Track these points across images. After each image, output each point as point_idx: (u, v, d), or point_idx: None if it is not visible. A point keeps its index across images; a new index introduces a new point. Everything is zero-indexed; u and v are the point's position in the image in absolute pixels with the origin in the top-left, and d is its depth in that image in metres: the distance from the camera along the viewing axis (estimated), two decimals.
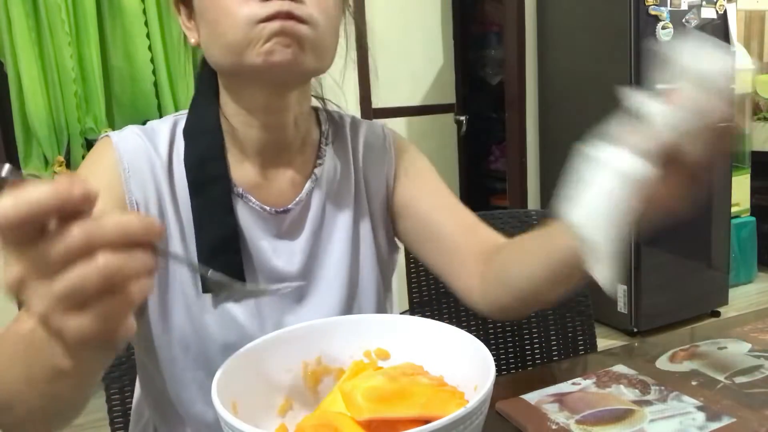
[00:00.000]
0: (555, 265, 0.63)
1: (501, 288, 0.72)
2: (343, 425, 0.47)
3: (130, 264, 0.36)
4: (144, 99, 2.37)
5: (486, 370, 0.47)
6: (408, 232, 0.82)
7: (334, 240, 0.76)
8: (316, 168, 0.77)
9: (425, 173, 0.84)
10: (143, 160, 0.70)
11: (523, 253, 0.70)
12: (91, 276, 0.34)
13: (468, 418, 0.41)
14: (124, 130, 0.72)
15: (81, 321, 0.35)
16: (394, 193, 0.82)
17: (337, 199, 0.78)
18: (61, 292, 0.34)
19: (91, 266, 0.34)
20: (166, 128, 0.73)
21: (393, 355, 0.58)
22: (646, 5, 2.54)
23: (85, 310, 0.35)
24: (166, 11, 2.36)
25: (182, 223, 0.70)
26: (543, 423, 0.57)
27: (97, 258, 0.34)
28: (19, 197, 0.33)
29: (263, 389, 0.54)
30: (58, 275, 0.34)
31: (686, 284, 2.87)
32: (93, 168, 0.70)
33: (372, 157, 0.82)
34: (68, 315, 0.35)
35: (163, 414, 0.76)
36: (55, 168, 2.28)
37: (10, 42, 2.17)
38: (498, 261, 0.73)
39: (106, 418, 0.92)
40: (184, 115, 0.75)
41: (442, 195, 0.82)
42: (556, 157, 3.07)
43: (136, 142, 0.70)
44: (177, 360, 0.71)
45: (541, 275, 0.65)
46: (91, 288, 0.34)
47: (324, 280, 0.75)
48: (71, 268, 0.34)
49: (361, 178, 0.81)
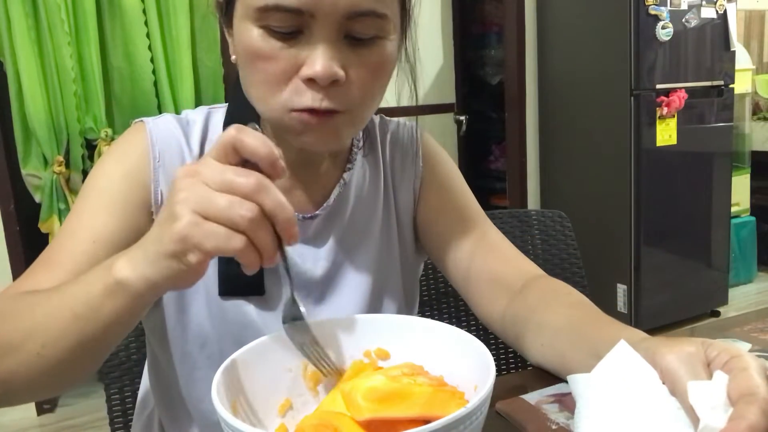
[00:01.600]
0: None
1: (519, 342, 0.70)
2: (342, 425, 0.47)
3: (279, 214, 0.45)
4: (144, 99, 2.37)
5: (486, 370, 0.47)
6: (430, 250, 0.80)
7: (361, 247, 0.75)
8: (345, 173, 0.75)
9: (451, 187, 0.81)
10: (175, 152, 0.68)
11: (556, 337, 0.64)
12: (243, 209, 0.43)
13: (468, 418, 0.41)
14: (159, 117, 0.70)
15: (229, 235, 0.43)
16: (419, 205, 0.80)
17: (365, 204, 0.76)
18: (215, 199, 0.43)
19: (244, 204, 0.44)
20: (200, 120, 0.71)
21: (393, 355, 0.58)
22: (646, 5, 2.54)
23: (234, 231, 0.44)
24: (166, 11, 2.36)
25: None
26: (543, 423, 0.57)
27: (263, 200, 0.44)
28: (259, 138, 0.45)
29: (263, 389, 0.54)
30: (227, 195, 0.44)
31: (686, 284, 2.87)
32: (123, 151, 0.68)
33: (400, 162, 0.80)
34: (205, 222, 0.44)
35: (170, 408, 0.75)
36: (54, 168, 2.28)
37: (10, 42, 2.17)
38: (524, 314, 0.69)
39: (106, 418, 0.92)
40: (218, 109, 0.73)
41: (467, 215, 0.79)
42: (556, 157, 3.07)
43: (170, 131, 0.69)
44: (190, 356, 0.70)
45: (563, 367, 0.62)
46: (247, 213, 0.43)
47: (347, 286, 0.74)
48: (239, 197, 0.44)
49: (390, 183, 0.79)
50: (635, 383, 0.48)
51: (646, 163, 2.66)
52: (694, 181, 2.82)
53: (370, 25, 0.58)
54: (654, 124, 2.65)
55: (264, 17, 0.56)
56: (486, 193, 3.79)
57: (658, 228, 2.75)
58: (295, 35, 0.57)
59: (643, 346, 0.50)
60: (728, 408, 0.42)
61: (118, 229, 0.64)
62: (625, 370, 0.50)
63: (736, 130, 3.16)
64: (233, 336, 0.68)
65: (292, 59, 0.57)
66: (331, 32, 0.56)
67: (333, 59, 0.56)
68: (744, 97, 3.37)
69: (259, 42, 0.57)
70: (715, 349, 0.46)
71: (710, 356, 0.46)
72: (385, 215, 0.78)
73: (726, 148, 2.89)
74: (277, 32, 0.56)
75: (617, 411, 0.48)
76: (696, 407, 0.43)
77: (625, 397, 0.48)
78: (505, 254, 0.77)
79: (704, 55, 2.73)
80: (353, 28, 0.57)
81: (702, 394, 0.43)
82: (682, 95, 2.65)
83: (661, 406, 0.46)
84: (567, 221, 1.16)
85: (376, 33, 0.59)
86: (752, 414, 0.39)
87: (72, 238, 0.63)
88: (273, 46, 0.57)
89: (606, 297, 2.82)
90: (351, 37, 0.58)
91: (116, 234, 0.64)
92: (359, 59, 0.59)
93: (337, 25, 0.56)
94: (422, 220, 0.80)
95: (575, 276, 1.14)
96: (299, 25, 0.56)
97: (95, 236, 0.63)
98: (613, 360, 0.51)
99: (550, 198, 3.14)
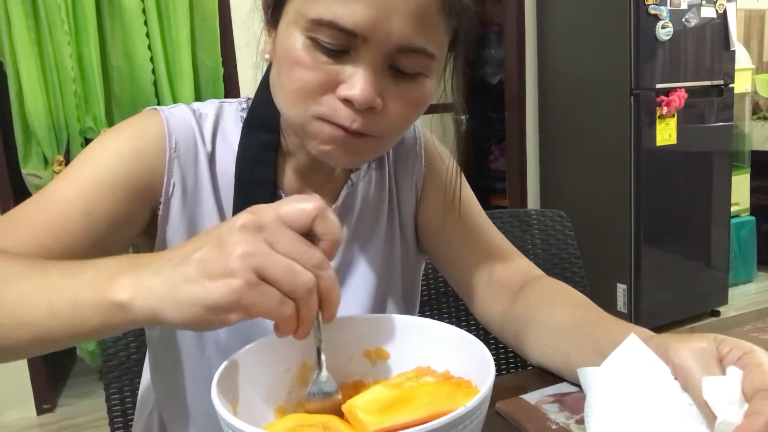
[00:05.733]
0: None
1: (519, 341, 0.70)
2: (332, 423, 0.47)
3: (328, 290, 0.45)
4: (143, 98, 2.37)
5: (486, 369, 0.47)
6: (429, 250, 0.80)
7: (366, 249, 0.75)
8: (353, 173, 0.75)
9: (451, 186, 0.80)
10: (190, 143, 0.67)
11: (556, 336, 0.65)
12: (304, 278, 0.43)
13: (467, 417, 0.41)
14: (174, 107, 0.68)
15: (282, 301, 0.42)
16: (421, 204, 0.80)
17: (371, 205, 0.76)
18: (280, 263, 0.42)
19: (306, 274, 0.43)
20: (212, 114, 0.70)
21: (392, 355, 0.58)
22: (646, 5, 2.54)
23: (273, 291, 0.42)
24: (166, 11, 2.35)
25: (223, 215, 0.68)
26: (543, 423, 0.57)
27: (322, 275, 0.44)
28: (336, 219, 0.45)
29: (263, 389, 0.54)
30: (290, 261, 0.42)
31: (686, 284, 2.87)
32: (137, 131, 0.65)
33: (404, 162, 0.79)
34: (262, 284, 0.41)
35: (170, 406, 0.75)
36: (54, 167, 2.28)
37: (10, 41, 2.17)
38: (525, 314, 0.69)
39: (106, 418, 0.92)
40: (230, 103, 0.72)
41: (466, 214, 0.79)
42: (556, 157, 3.07)
43: (186, 122, 0.67)
44: (197, 356, 0.70)
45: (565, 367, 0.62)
46: (308, 283, 0.43)
47: (353, 287, 0.74)
48: (295, 263, 0.42)
49: (394, 183, 0.79)
50: (646, 377, 0.48)
51: (646, 162, 2.66)
52: (694, 180, 2.82)
53: (416, 61, 0.57)
54: (654, 123, 2.65)
55: (315, 29, 0.55)
56: (486, 193, 3.79)
57: (658, 228, 2.75)
58: (341, 54, 0.56)
59: (653, 342, 0.50)
60: (743, 404, 0.42)
61: (116, 211, 0.61)
62: (636, 363, 0.50)
63: (736, 130, 3.16)
64: (241, 332, 0.67)
65: (333, 75, 0.56)
66: (377, 59, 0.56)
67: (374, 86, 0.56)
68: (744, 96, 3.37)
69: (303, 51, 0.56)
70: (727, 345, 0.46)
71: (723, 352, 0.46)
72: (390, 215, 0.78)
73: (726, 148, 2.89)
74: (324, 47, 0.56)
75: (628, 404, 0.48)
76: (711, 403, 0.43)
77: (636, 390, 0.48)
78: (504, 254, 0.77)
79: (704, 54, 2.73)
80: (400, 61, 0.57)
81: (717, 389, 0.43)
82: (681, 95, 2.65)
83: (673, 401, 0.46)
84: (567, 221, 1.16)
85: (421, 70, 0.58)
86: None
87: (65, 203, 0.59)
88: (317, 59, 0.56)
89: (606, 297, 2.82)
90: (395, 69, 0.57)
91: (113, 215, 0.61)
92: (399, 92, 0.58)
93: (385, 54, 0.56)
94: (423, 220, 0.80)
95: (575, 276, 1.14)
96: (348, 45, 0.55)
97: (90, 209, 0.60)
98: (623, 353, 0.51)
99: (550, 198, 3.14)
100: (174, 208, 0.67)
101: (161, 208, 0.66)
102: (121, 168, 0.63)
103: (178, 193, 0.66)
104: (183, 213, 0.67)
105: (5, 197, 2.29)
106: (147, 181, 0.64)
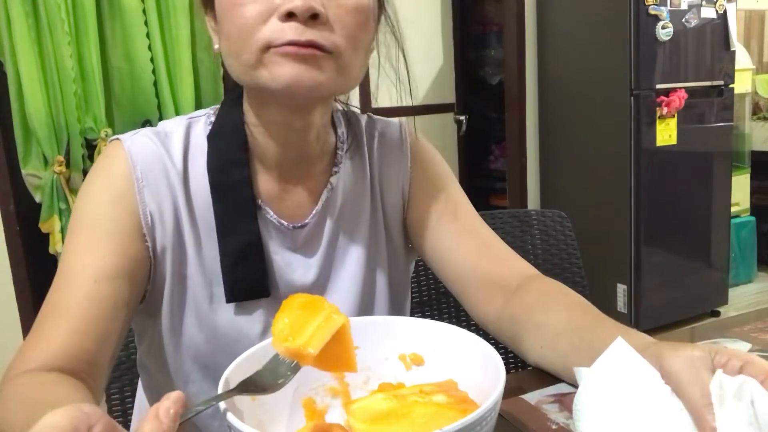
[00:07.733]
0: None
1: (516, 343, 0.69)
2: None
3: None
4: (144, 99, 2.37)
5: (495, 379, 0.46)
6: (423, 251, 0.79)
7: (349, 251, 0.75)
8: (332, 176, 0.74)
9: (443, 187, 0.79)
10: (157, 169, 0.67)
11: (553, 339, 0.64)
12: None
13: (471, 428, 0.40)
14: (136, 135, 0.68)
15: None
16: (409, 206, 0.79)
17: (353, 208, 0.76)
18: None
19: None
20: (180, 132, 0.70)
21: (427, 362, 0.58)
22: (646, 5, 2.54)
23: None
24: (166, 11, 2.36)
25: (198, 232, 0.68)
26: (543, 423, 0.57)
27: None
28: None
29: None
30: None
31: (686, 284, 2.87)
32: (103, 177, 0.67)
33: (388, 163, 0.78)
34: None
35: None
36: (54, 168, 2.28)
37: (10, 41, 2.17)
38: (521, 315, 0.69)
39: None
40: (198, 118, 0.72)
41: (459, 215, 0.77)
42: (556, 157, 3.07)
43: (149, 148, 0.67)
44: (184, 368, 0.70)
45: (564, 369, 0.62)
46: None
47: (337, 292, 0.74)
48: None
49: (377, 184, 0.78)
50: (634, 381, 0.49)
51: (646, 163, 2.66)
52: (694, 181, 2.82)
53: None
54: (654, 123, 2.65)
55: None
56: (486, 193, 3.79)
57: (658, 228, 2.75)
58: None
59: (650, 350, 0.50)
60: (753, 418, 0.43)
61: (117, 262, 0.64)
62: (624, 367, 0.50)
63: (736, 130, 3.16)
64: (226, 349, 0.68)
65: (268, 2, 0.57)
66: None
67: None
68: (744, 96, 3.37)
69: None
70: (724, 355, 0.46)
71: (720, 362, 0.46)
72: (373, 216, 0.77)
73: (726, 148, 2.89)
74: None
75: (618, 408, 0.48)
76: (714, 398, 0.44)
77: (625, 394, 0.48)
78: (499, 254, 0.76)
79: (704, 55, 2.73)
80: None
81: (725, 386, 0.44)
82: (682, 95, 2.65)
83: (662, 405, 0.46)
84: (567, 221, 1.16)
85: None
86: None
87: (75, 281, 0.63)
88: None
89: (606, 297, 2.82)
90: None
91: (116, 267, 0.63)
92: (337, 1, 0.59)
93: None
94: (413, 222, 0.79)
95: (575, 276, 1.14)
96: None
97: (96, 275, 0.62)
98: (610, 357, 0.51)
99: (550, 198, 3.14)
100: (158, 236, 0.67)
101: (147, 239, 0.66)
102: (106, 221, 0.65)
103: (156, 220, 0.67)
104: (166, 238, 0.67)
105: (5, 197, 2.29)
106: (131, 221, 0.66)
